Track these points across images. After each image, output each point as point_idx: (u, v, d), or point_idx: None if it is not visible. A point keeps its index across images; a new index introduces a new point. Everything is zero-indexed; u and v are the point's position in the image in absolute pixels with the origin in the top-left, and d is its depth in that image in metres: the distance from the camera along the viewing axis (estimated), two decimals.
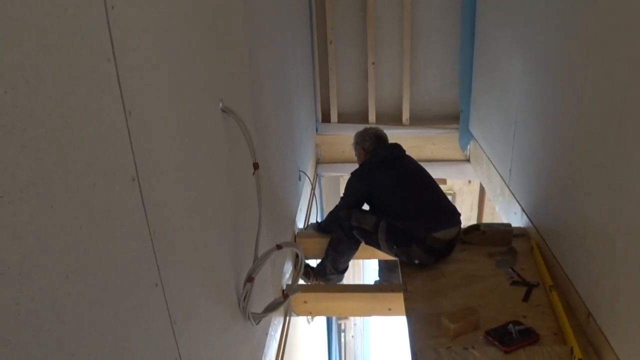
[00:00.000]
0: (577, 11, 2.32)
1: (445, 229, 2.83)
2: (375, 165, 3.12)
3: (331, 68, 4.93)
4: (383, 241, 2.93)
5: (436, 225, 2.82)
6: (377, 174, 3.06)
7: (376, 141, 3.27)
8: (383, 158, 3.16)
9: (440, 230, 2.81)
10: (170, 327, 1.23)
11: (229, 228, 1.81)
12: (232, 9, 1.90)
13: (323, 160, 5.11)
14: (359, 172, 3.19)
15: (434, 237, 2.79)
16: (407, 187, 3.02)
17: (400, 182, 3.03)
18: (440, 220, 2.87)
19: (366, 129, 3.39)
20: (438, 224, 2.84)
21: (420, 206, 2.94)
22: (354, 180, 3.18)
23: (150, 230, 1.12)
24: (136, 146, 1.06)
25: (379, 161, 3.14)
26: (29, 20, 0.76)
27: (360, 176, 3.16)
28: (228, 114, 1.71)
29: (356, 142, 3.36)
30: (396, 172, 3.07)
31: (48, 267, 0.79)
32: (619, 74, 1.93)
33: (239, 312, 1.89)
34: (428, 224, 2.83)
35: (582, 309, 2.28)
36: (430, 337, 2.31)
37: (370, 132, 3.33)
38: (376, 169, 3.09)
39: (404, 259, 2.87)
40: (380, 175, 3.04)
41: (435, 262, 2.86)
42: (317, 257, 3.73)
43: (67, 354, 0.83)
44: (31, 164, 0.76)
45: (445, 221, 2.87)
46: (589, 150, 2.20)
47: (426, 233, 2.80)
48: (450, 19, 4.75)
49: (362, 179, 3.13)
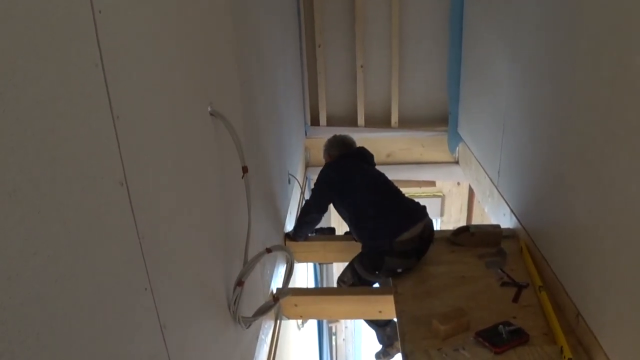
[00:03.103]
0: (565, 13, 2.34)
1: (407, 230, 2.83)
2: (334, 166, 3.24)
3: (320, 71, 4.94)
4: (364, 273, 2.99)
5: (398, 230, 2.82)
6: (335, 173, 3.16)
7: (342, 147, 3.40)
8: (344, 159, 3.28)
9: (403, 232, 2.81)
10: (159, 332, 1.23)
11: (219, 232, 1.81)
12: (220, 13, 1.90)
13: (312, 163, 5.11)
14: (320, 175, 3.27)
15: (399, 242, 2.80)
16: (365, 190, 3.07)
17: (359, 183, 3.10)
18: (401, 223, 2.86)
19: (334, 136, 3.53)
20: (399, 227, 2.83)
21: (380, 211, 2.96)
22: (316, 183, 3.26)
23: (139, 234, 1.12)
24: (124, 150, 1.06)
25: (341, 161, 3.26)
26: (15, 24, 0.75)
27: (320, 178, 3.24)
28: (217, 117, 1.71)
29: (324, 148, 3.49)
30: (355, 173, 3.15)
31: (36, 272, 0.78)
32: (606, 74, 1.95)
33: (229, 316, 1.88)
34: (390, 230, 2.84)
35: (571, 309, 2.29)
36: (421, 339, 2.31)
37: (337, 138, 3.48)
38: (335, 170, 3.19)
39: (390, 275, 2.88)
40: (337, 176, 3.13)
41: (418, 262, 2.87)
42: (307, 260, 3.74)
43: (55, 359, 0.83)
44: (18, 168, 0.75)
45: (406, 222, 2.86)
46: (577, 151, 2.22)
47: (390, 241, 2.81)
48: (438, 22, 4.77)
49: (322, 181, 3.21)
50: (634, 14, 1.75)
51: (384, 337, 3.45)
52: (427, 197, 5.93)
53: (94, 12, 0.96)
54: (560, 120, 2.40)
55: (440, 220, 6.15)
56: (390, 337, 3.41)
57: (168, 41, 1.36)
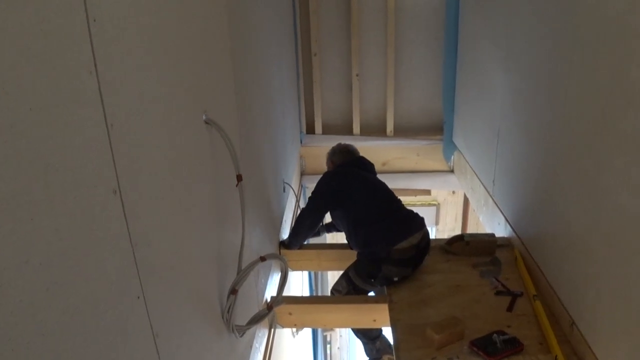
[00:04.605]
0: (559, 23, 2.35)
1: (405, 238, 2.83)
2: (333, 174, 3.27)
3: (315, 80, 4.96)
4: (360, 282, 2.98)
5: (396, 238, 2.83)
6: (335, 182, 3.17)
7: (346, 155, 3.47)
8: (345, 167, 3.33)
9: (401, 241, 2.82)
10: (152, 340, 1.22)
11: (213, 240, 1.81)
12: (216, 21, 1.90)
13: (307, 171, 5.11)
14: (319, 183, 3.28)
15: (397, 250, 2.80)
16: (365, 198, 3.09)
17: (360, 191, 3.12)
18: (399, 231, 2.87)
19: (338, 144, 3.60)
20: (398, 236, 2.84)
21: (379, 218, 2.97)
22: (315, 191, 3.27)
23: (132, 243, 1.12)
24: (118, 159, 1.06)
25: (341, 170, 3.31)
26: (9, 31, 0.75)
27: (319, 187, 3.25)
28: (211, 125, 1.71)
29: (328, 156, 3.56)
30: (356, 181, 3.17)
31: (28, 280, 0.78)
32: (600, 84, 1.96)
33: (222, 325, 1.88)
34: (388, 238, 2.85)
35: (565, 318, 2.29)
36: (415, 348, 2.31)
37: (341, 147, 3.55)
38: (334, 178, 3.21)
39: (386, 283, 2.88)
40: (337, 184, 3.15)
41: (414, 271, 2.87)
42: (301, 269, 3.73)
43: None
44: (12, 176, 0.75)
45: (404, 231, 2.86)
46: (572, 160, 2.23)
47: (387, 249, 2.81)
48: (434, 31, 4.79)
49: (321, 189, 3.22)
50: (628, 23, 1.76)
51: (373, 351, 3.42)
52: (422, 205, 5.95)
53: (89, 20, 0.96)
54: (554, 130, 2.41)
55: (435, 228, 6.16)
56: (380, 351, 3.39)
57: (163, 49, 1.36)
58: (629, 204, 1.75)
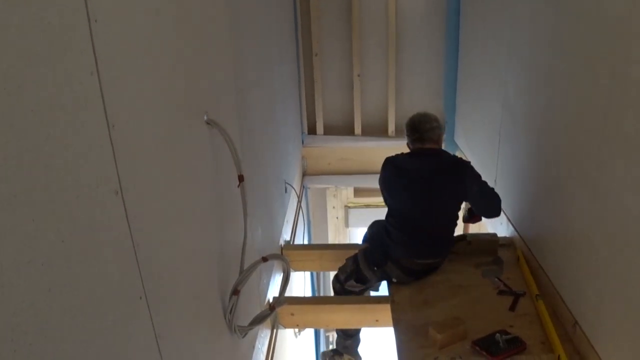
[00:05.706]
0: (561, 24, 2.35)
1: (420, 258, 2.80)
2: (390, 164, 2.95)
3: (317, 80, 4.95)
4: (364, 264, 2.92)
5: (412, 254, 2.80)
6: (382, 179, 2.97)
7: (414, 139, 2.90)
8: (397, 162, 2.94)
9: (415, 258, 2.80)
10: (155, 341, 1.22)
11: (215, 240, 1.81)
12: (217, 22, 1.90)
13: (309, 172, 5.11)
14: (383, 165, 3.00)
15: (407, 260, 2.79)
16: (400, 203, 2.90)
17: (400, 194, 2.90)
18: (418, 251, 2.81)
19: (410, 118, 2.99)
20: (414, 254, 2.80)
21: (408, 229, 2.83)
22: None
23: (134, 243, 1.12)
24: (119, 159, 1.06)
25: (392, 164, 2.95)
26: (10, 32, 0.75)
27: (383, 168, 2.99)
28: (213, 126, 1.71)
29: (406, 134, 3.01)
30: (398, 182, 2.89)
31: (30, 281, 0.78)
32: (602, 84, 1.96)
33: (225, 325, 1.88)
34: (406, 249, 2.80)
35: (568, 318, 2.29)
36: (418, 348, 2.31)
37: (409, 124, 2.95)
38: (389, 168, 2.94)
39: (384, 279, 2.88)
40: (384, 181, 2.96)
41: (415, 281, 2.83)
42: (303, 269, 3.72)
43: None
44: (13, 176, 0.75)
45: (423, 253, 2.82)
46: (574, 160, 2.22)
47: (400, 254, 2.80)
48: (435, 31, 4.79)
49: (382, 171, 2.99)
50: (629, 24, 1.76)
51: (340, 345, 3.35)
52: None
53: (90, 21, 0.96)
54: (556, 130, 2.40)
55: None
56: (346, 349, 3.34)
57: (164, 50, 1.36)
58: (632, 203, 1.75)
